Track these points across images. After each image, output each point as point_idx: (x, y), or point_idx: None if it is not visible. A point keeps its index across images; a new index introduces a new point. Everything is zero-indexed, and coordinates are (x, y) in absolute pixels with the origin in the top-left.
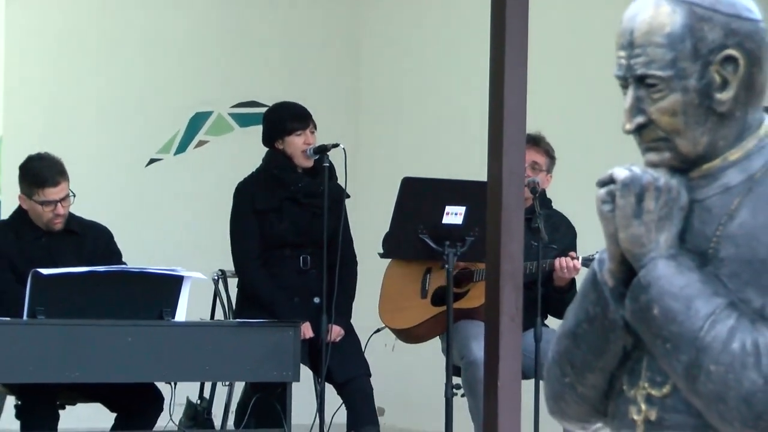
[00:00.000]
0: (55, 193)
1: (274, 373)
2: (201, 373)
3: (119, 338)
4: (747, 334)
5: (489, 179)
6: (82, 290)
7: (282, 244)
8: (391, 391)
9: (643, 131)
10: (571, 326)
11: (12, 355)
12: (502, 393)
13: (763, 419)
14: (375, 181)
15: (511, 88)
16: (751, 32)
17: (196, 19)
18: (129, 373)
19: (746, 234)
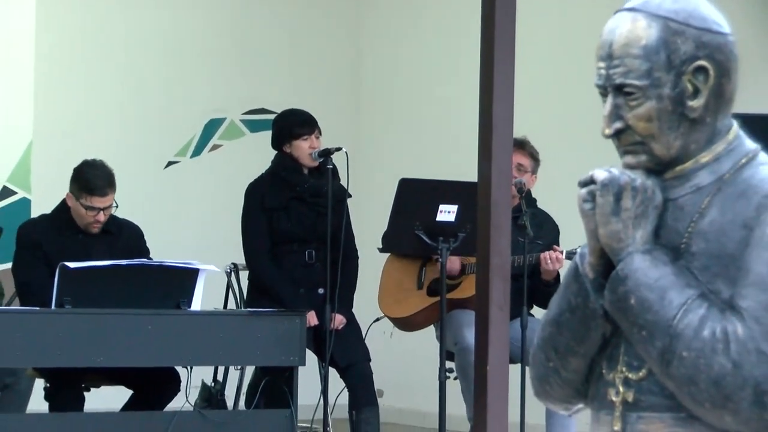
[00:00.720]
0: (101, 202)
1: (281, 357)
2: (215, 358)
3: (140, 326)
4: (717, 322)
5: (479, 180)
6: (106, 282)
7: (289, 240)
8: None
9: (621, 136)
10: (554, 315)
11: (41, 342)
12: (491, 376)
13: (731, 400)
14: (374, 182)
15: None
16: (721, 45)
17: (211, 34)
18: (149, 357)
19: (716, 230)
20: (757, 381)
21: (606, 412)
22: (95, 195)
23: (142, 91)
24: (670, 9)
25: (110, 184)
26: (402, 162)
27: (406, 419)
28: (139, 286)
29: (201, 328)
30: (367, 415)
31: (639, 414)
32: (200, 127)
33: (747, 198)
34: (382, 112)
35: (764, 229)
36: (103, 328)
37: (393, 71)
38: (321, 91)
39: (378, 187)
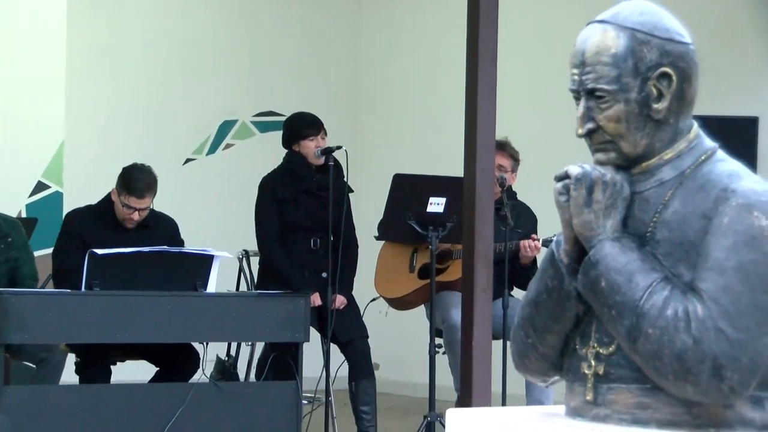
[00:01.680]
0: (137, 203)
1: (288, 334)
2: (228, 335)
3: (160, 306)
4: (679, 303)
5: (465, 176)
6: (131, 267)
7: (297, 229)
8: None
9: (593, 135)
10: (533, 296)
11: (72, 321)
12: (476, 351)
13: (692, 373)
14: (372, 177)
15: (483, 102)
16: (683, 53)
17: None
18: (168, 334)
19: (678, 220)
20: (715, 356)
21: (579, 383)
22: (133, 196)
23: (164, 96)
24: (636, 21)
25: (149, 189)
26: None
27: (400, 390)
28: (160, 270)
29: (215, 308)
30: (365, 386)
31: (609, 385)
32: (215, 128)
33: (706, 191)
34: (379, 115)
35: (722, 219)
36: (128, 308)
37: (388, 79)
38: (324, 96)
39: (374, 181)
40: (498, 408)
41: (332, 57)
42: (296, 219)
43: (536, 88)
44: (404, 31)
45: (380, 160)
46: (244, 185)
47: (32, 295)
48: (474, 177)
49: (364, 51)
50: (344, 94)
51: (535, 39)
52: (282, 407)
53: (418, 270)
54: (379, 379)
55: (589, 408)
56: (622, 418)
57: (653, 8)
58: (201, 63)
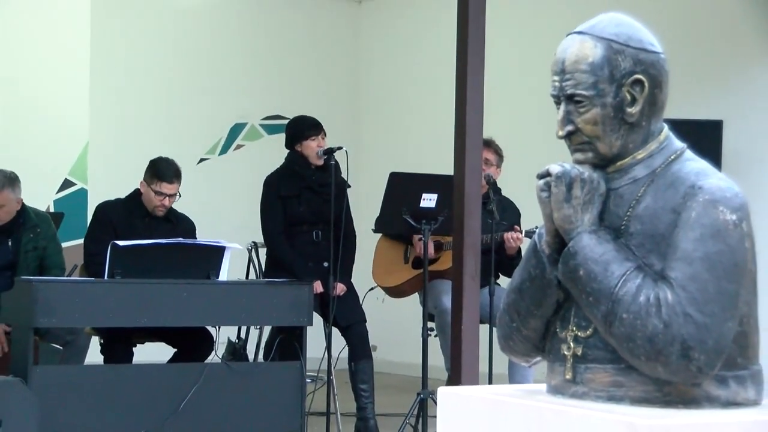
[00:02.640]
0: (168, 189)
1: (293, 319)
2: (238, 319)
3: (177, 293)
4: (651, 290)
5: (455, 174)
6: (150, 257)
7: (300, 222)
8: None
9: (572, 137)
10: (517, 284)
11: (97, 306)
12: (464, 335)
13: (662, 354)
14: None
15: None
16: (654, 62)
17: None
18: (184, 318)
19: (649, 214)
20: (684, 338)
21: (559, 363)
22: (164, 182)
23: (180, 100)
24: (612, 32)
25: (177, 176)
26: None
27: (395, 370)
28: (177, 260)
29: (227, 295)
30: (363, 366)
31: (586, 365)
32: (226, 130)
33: (675, 188)
34: (376, 119)
35: (690, 213)
36: (147, 295)
37: (384, 86)
38: (326, 101)
39: (372, 179)
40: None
41: (333, 66)
42: (299, 213)
43: (520, 94)
44: (398, 44)
45: (377, 160)
46: (253, 183)
47: (59, 282)
48: (463, 175)
49: (362, 61)
50: (344, 99)
51: (519, 48)
52: (287, 385)
53: (411, 261)
54: (376, 359)
55: (569, 386)
56: (598, 395)
57: (628, 21)
58: (214, 71)
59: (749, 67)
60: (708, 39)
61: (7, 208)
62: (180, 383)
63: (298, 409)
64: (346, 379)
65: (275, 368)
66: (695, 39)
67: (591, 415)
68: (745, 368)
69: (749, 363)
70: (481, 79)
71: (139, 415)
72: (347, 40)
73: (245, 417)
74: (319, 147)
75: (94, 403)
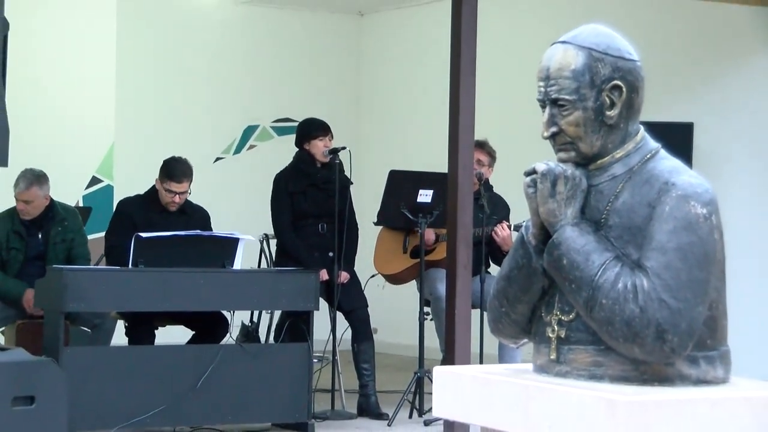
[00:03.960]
0: (178, 188)
1: (301, 304)
2: (251, 304)
3: (195, 280)
4: (628, 277)
5: (449, 172)
6: (170, 247)
7: (306, 216)
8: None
9: (556, 137)
10: (506, 272)
11: (122, 292)
12: (458, 319)
13: (639, 337)
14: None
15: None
16: (631, 69)
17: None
18: (201, 303)
19: (627, 209)
20: (659, 322)
21: (545, 345)
22: (173, 181)
23: (198, 104)
24: (593, 42)
25: (186, 175)
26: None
27: (394, 350)
28: (194, 250)
29: (240, 282)
30: (365, 347)
31: (569, 347)
32: (240, 132)
33: (650, 184)
34: (377, 121)
35: (664, 207)
36: (168, 282)
37: (384, 91)
38: (330, 105)
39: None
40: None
41: (337, 73)
42: (305, 208)
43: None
44: (397, 53)
45: (377, 159)
46: (264, 180)
47: (88, 270)
48: (456, 173)
49: (364, 69)
50: (347, 103)
51: (508, 57)
52: (296, 365)
53: (409, 251)
54: (377, 341)
55: (553, 366)
56: (580, 374)
57: (607, 31)
58: (229, 78)
59: (719, 72)
60: (680, 46)
61: (36, 203)
62: (198, 363)
63: (306, 387)
64: (350, 359)
65: (285, 349)
66: (668, 46)
67: (573, 393)
68: (715, 349)
69: (718, 344)
70: (472, 85)
71: (160, 392)
72: (350, 49)
73: (257, 393)
74: (325, 147)
75: (119, 381)
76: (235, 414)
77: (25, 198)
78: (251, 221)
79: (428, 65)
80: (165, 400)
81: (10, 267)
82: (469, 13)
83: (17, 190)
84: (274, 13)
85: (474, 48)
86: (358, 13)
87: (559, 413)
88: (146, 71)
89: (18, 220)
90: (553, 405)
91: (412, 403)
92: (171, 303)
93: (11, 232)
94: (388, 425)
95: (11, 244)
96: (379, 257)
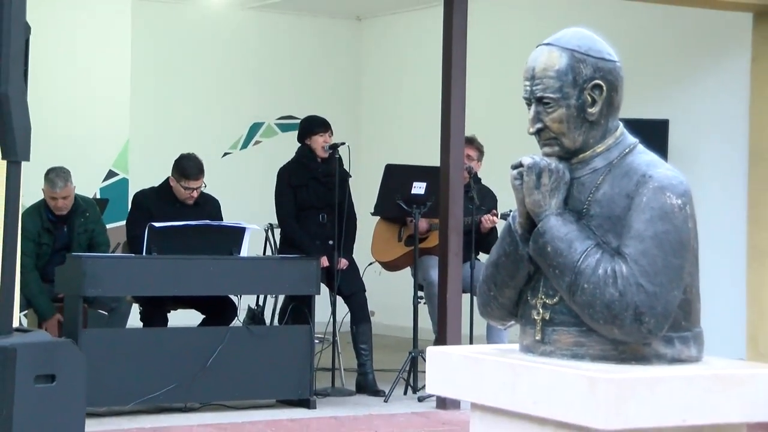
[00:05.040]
0: (194, 184)
1: (303, 288)
2: (256, 289)
3: (204, 267)
4: (608, 263)
5: (441, 166)
6: (182, 236)
7: (308, 207)
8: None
9: (541, 133)
10: (494, 259)
11: (137, 278)
12: (449, 302)
13: (618, 319)
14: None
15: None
16: (611, 69)
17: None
18: (211, 288)
19: (607, 200)
20: (636, 305)
21: (530, 326)
22: (190, 179)
23: (207, 103)
24: (575, 44)
25: (200, 171)
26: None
27: (390, 332)
28: (204, 239)
29: (247, 269)
30: (363, 329)
31: (553, 328)
32: (246, 129)
33: (629, 177)
34: (374, 119)
35: (641, 198)
36: (179, 269)
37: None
38: (331, 103)
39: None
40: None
41: (337, 74)
42: (307, 199)
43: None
44: (392, 55)
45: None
46: (269, 173)
47: (105, 258)
48: (448, 166)
49: (362, 70)
50: (346, 102)
51: (496, 58)
52: (299, 345)
53: (404, 239)
54: (374, 323)
55: (538, 346)
56: (563, 353)
57: (588, 34)
58: (236, 78)
59: (693, 71)
60: (657, 49)
61: (70, 198)
62: (207, 344)
63: (308, 365)
64: (349, 340)
65: (288, 331)
66: (646, 49)
67: (557, 371)
68: (689, 330)
69: (692, 326)
70: (463, 85)
71: (172, 371)
72: (349, 52)
73: (262, 372)
74: (325, 143)
75: (133, 360)
76: (242, 391)
77: (63, 195)
78: (257, 212)
79: (422, 66)
80: (176, 378)
81: (40, 259)
82: (459, 18)
83: (55, 189)
84: (278, 18)
85: (464, 51)
86: (356, 18)
87: (543, 390)
88: (158, 73)
89: (46, 216)
90: (537, 382)
91: (407, 381)
92: (182, 288)
93: (41, 229)
94: (384, 401)
95: (42, 240)
96: (376, 246)
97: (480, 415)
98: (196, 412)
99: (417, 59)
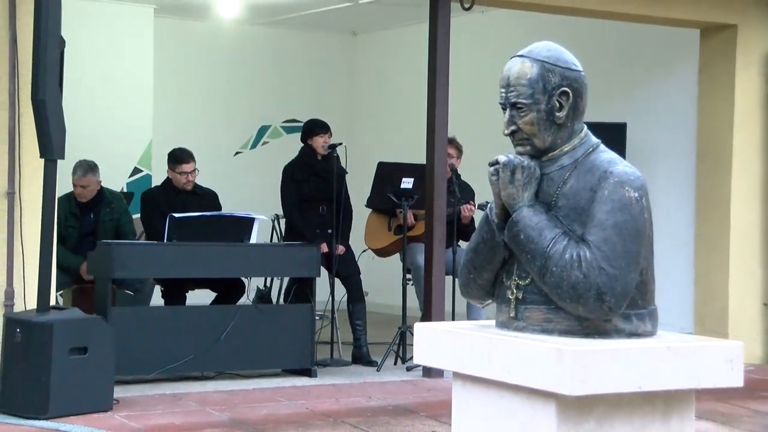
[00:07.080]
0: (188, 168)
1: (305, 271)
2: (264, 272)
3: (218, 252)
4: (573, 249)
5: (427, 162)
6: (198, 225)
7: (310, 200)
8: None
9: (515, 134)
10: (473, 245)
11: (159, 262)
12: (434, 284)
13: (582, 298)
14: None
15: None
16: (577, 77)
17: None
18: (224, 271)
19: (573, 193)
20: (598, 286)
21: (505, 305)
22: (183, 163)
23: (221, 107)
24: (545, 55)
25: (191, 157)
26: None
27: (382, 310)
28: (218, 228)
29: (256, 254)
30: (358, 307)
31: (525, 306)
32: (255, 130)
33: (592, 173)
34: (367, 122)
35: (603, 192)
36: (196, 254)
37: (374, 97)
38: (329, 108)
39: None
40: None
41: (335, 83)
42: (309, 193)
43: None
44: (384, 66)
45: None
46: (275, 170)
47: (130, 244)
48: (433, 164)
49: (357, 79)
50: (343, 107)
51: (475, 68)
52: (301, 322)
53: (394, 229)
54: (368, 302)
55: (512, 322)
56: (534, 329)
57: (556, 46)
58: (246, 85)
59: (648, 80)
60: (616, 59)
61: (90, 188)
62: (221, 320)
63: (309, 340)
64: (345, 318)
65: (292, 309)
66: (606, 59)
67: (528, 344)
68: (644, 308)
69: (647, 304)
70: (446, 92)
71: (190, 344)
72: (346, 63)
73: (269, 345)
74: (325, 143)
75: (156, 335)
76: (251, 362)
77: (82, 183)
78: (265, 204)
79: (410, 75)
80: (194, 350)
81: (68, 241)
82: (443, 34)
83: (75, 177)
84: (284, 33)
85: (447, 62)
86: (352, 33)
87: (516, 360)
88: (178, 81)
89: (74, 203)
90: (511, 354)
91: (397, 353)
92: (199, 271)
93: (69, 213)
94: (377, 371)
95: (68, 223)
96: (369, 234)
97: (461, 382)
98: (211, 380)
99: (406, 69)
